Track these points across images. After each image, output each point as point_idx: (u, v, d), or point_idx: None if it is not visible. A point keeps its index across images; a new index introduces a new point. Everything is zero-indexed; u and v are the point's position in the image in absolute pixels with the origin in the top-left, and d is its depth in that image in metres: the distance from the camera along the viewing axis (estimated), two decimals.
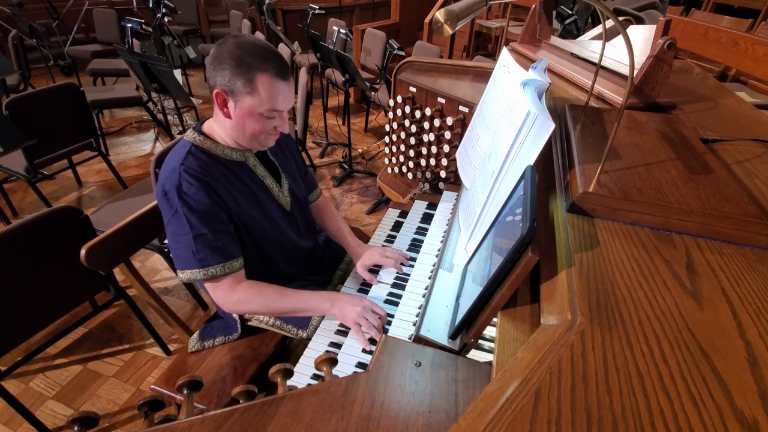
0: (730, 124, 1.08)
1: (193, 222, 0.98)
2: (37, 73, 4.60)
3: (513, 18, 4.11)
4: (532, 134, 0.81)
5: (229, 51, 0.93)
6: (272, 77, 0.95)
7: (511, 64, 1.05)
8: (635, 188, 0.71)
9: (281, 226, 1.20)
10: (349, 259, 1.45)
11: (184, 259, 1.01)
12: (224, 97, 0.97)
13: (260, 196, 1.13)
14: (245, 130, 1.01)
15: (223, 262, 1.03)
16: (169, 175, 0.99)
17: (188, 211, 0.98)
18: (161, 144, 3.70)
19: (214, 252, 1.01)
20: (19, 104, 2.05)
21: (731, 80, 3.04)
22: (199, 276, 1.01)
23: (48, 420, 1.59)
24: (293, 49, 3.29)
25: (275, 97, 0.97)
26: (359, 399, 0.66)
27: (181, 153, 1.02)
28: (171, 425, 0.65)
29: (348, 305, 1.05)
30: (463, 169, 1.24)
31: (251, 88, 0.94)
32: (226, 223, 1.04)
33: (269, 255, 1.20)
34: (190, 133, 1.06)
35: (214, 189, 1.01)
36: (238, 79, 0.93)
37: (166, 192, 0.99)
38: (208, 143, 1.05)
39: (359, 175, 3.32)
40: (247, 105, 0.96)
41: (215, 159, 1.05)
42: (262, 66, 0.94)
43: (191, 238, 0.99)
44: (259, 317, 1.22)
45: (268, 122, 1.01)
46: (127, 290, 1.68)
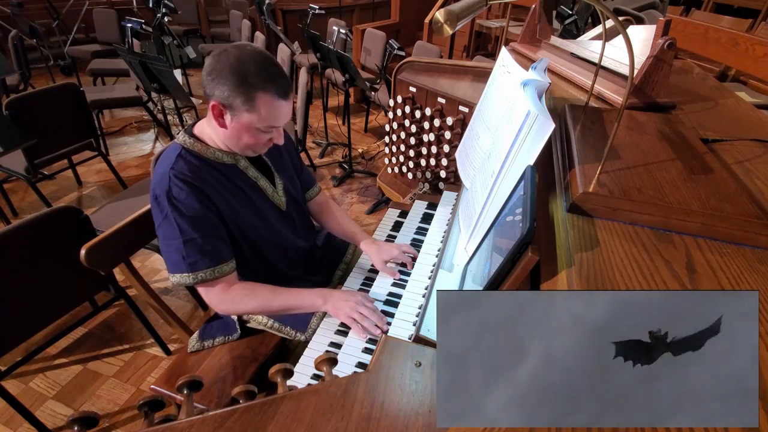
0: (730, 124, 1.08)
1: (183, 226, 0.98)
2: (37, 73, 4.60)
3: (513, 18, 4.11)
4: (532, 134, 0.81)
5: (231, 66, 0.91)
6: (273, 98, 0.94)
7: (511, 63, 1.05)
8: (635, 188, 0.71)
9: (277, 227, 1.19)
10: (349, 258, 1.44)
11: (175, 263, 1.01)
12: (221, 110, 0.95)
13: (254, 197, 1.12)
14: (240, 141, 1.01)
15: (213, 267, 1.02)
16: (160, 179, 0.99)
17: (178, 215, 0.98)
18: (161, 144, 3.70)
19: (204, 256, 1.01)
20: (19, 104, 2.05)
21: (731, 80, 3.04)
22: (189, 280, 1.01)
23: (48, 420, 1.59)
24: (293, 49, 3.29)
25: (274, 116, 0.97)
26: (359, 399, 0.66)
27: (172, 157, 1.01)
28: (171, 425, 0.65)
29: (340, 300, 1.06)
30: (463, 169, 1.24)
31: (251, 106, 0.93)
32: (216, 227, 1.04)
33: (267, 257, 1.20)
34: (180, 135, 1.05)
35: (205, 193, 1.01)
36: (238, 97, 0.92)
37: (157, 197, 0.98)
38: (199, 146, 1.03)
39: (359, 175, 3.32)
40: (244, 120, 0.96)
41: (206, 162, 1.04)
42: (264, 86, 0.92)
43: (181, 243, 0.99)
44: (258, 319, 1.22)
45: (263, 135, 1.00)
46: (127, 290, 1.68)
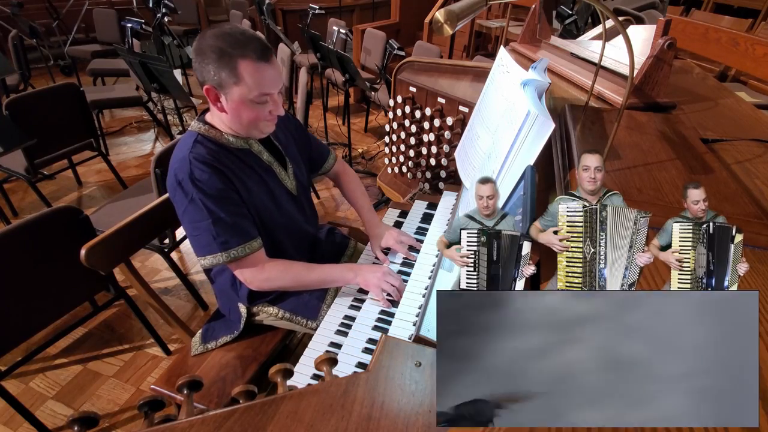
0: (730, 124, 1.08)
1: (210, 207, 1.00)
2: (37, 73, 4.60)
3: (513, 18, 4.11)
4: (532, 134, 0.81)
5: (209, 44, 0.93)
6: (254, 61, 0.94)
7: (510, 63, 1.05)
8: (635, 188, 0.71)
9: (289, 211, 1.22)
10: (350, 252, 1.45)
11: (205, 245, 1.03)
12: (215, 92, 0.97)
13: (268, 181, 1.14)
14: (242, 119, 1.01)
15: (244, 243, 1.05)
16: (180, 164, 1.00)
17: (204, 196, 0.99)
18: (161, 144, 3.70)
19: (235, 234, 1.03)
20: (19, 104, 2.06)
21: (731, 80, 3.04)
22: (222, 259, 1.03)
23: (48, 420, 1.59)
24: (293, 49, 3.29)
25: (261, 81, 0.97)
26: (359, 399, 0.66)
27: (189, 142, 1.03)
28: (171, 425, 0.65)
29: (369, 273, 1.14)
30: (463, 169, 1.24)
31: (236, 77, 0.94)
32: (240, 205, 1.06)
33: (278, 239, 1.21)
34: (195, 123, 1.07)
35: (225, 175, 1.03)
36: (222, 71, 0.93)
37: (180, 181, 1.00)
38: (214, 132, 1.05)
39: (359, 175, 3.32)
40: (236, 95, 0.96)
41: (222, 147, 1.06)
42: (241, 52, 0.93)
43: (210, 223, 1.00)
44: (269, 309, 1.23)
45: (261, 108, 1.01)
46: (127, 290, 1.68)
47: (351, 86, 2.94)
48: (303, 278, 1.15)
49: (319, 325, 1.10)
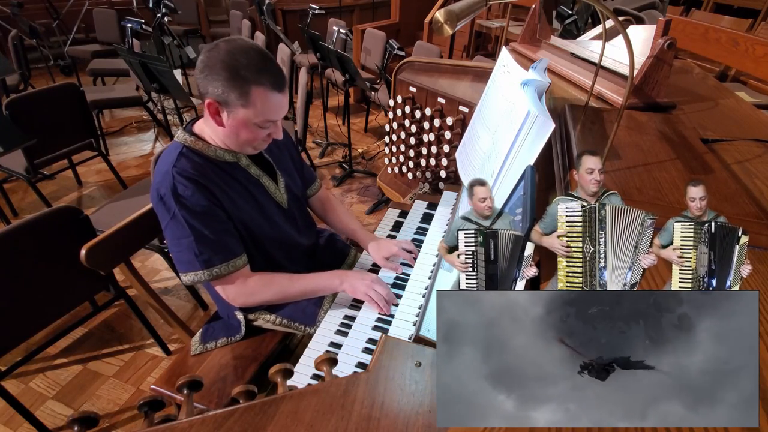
0: (730, 124, 1.08)
1: (192, 224, 0.97)
2: (37, 73, 4.60)
3: (513, 18, 4.11)
4: (532, 134, 0.81)
5: (222, 60, 0.89)
6: (268, 90, 0.93)
7: (511, 63, 1.05)
8: (635, 188, 0.71)
9: (279, 224, 1.19)
10: (351, 261, 1.43)
11: (187, 261, 1.00)
12: (217, 107, 0.94)
13: (256, 195, 1.12)
14: (238, 138, 1.00)
15: (227, 261, 1.03)
16: (162, 178, 0.97)
17: (186, 213, 0.97)
18: (161, 144, 3.71)
19: (218, 252, 1.01)
20: (19, 104, 2.05)
21: (731, 80, 3.04)
22: (204, 277, 1.01)
23: (48, 420, 1.59)
24: (293, 49, 3.29)
25: (270, 109, 0.96)
26: (359, 399, 0.66)
27: (173, 155, 1.00)
28: (171, 425, 0.65)
29: (356, 280, 1.11)
30: (463, 169, 1.24)
31: (246, 101, 0.92)
32: (225, 221, 1.04)
33: (270, 254, 1.20)
34: (180, 133, 1.03)
35: (210, 190, 1.00)
36: (232, 92, 0.91)
37: (162, 196, 0.97)
38: (200, 144, 1.02)
39: (359, 175, 3.32)
40: (241, 116, 0.94)
41: (208, 160, 1.03)
42: (257, 79, 0.91)
43: (192, 241, 0.98)
44: (266, 317, 1.21)
45: (261, 131, 0.99)
46: (127, 290, 1.68)
47: (351, 86, 2.94)
48: (287, 290, 1.13)
49: (317, 330, 1.09)
